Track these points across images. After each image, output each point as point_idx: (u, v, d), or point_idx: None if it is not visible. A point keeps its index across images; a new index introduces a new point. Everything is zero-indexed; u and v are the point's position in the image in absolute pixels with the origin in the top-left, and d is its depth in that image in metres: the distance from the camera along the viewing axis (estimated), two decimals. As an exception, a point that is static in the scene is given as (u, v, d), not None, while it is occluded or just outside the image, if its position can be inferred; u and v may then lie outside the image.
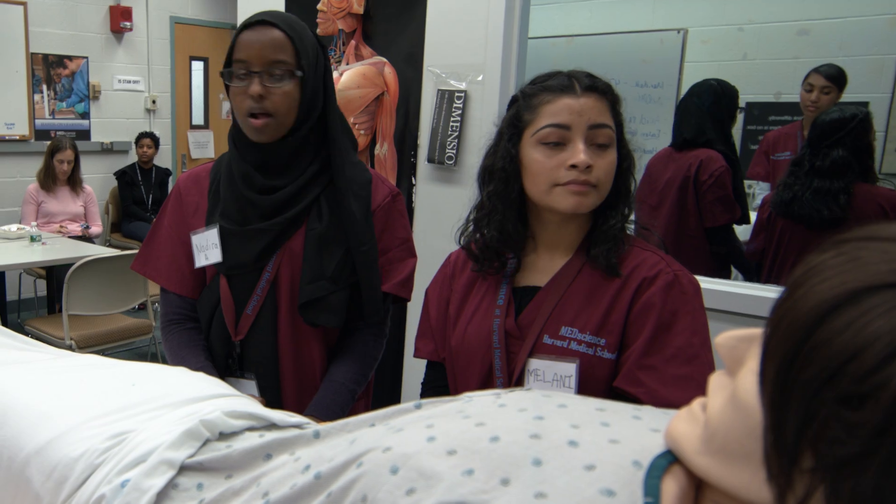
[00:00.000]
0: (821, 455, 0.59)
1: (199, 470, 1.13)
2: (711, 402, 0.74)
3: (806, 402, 0.60)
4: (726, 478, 0.70)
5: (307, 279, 1.80)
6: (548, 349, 1.52)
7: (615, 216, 1.55)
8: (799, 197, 3.24)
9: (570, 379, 1.48)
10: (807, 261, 0.65)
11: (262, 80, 1.69)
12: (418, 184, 3.47)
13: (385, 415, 1.05)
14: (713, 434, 0.72)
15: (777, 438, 0.63)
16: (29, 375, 1.42)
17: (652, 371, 1.45)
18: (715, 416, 0.72)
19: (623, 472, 0.77)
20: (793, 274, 0.66)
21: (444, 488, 0.79)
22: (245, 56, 1.70)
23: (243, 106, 1.72)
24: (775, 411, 0.63)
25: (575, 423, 0.86)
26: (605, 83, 1.55)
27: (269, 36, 1.70)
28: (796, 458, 0.61)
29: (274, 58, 1.70)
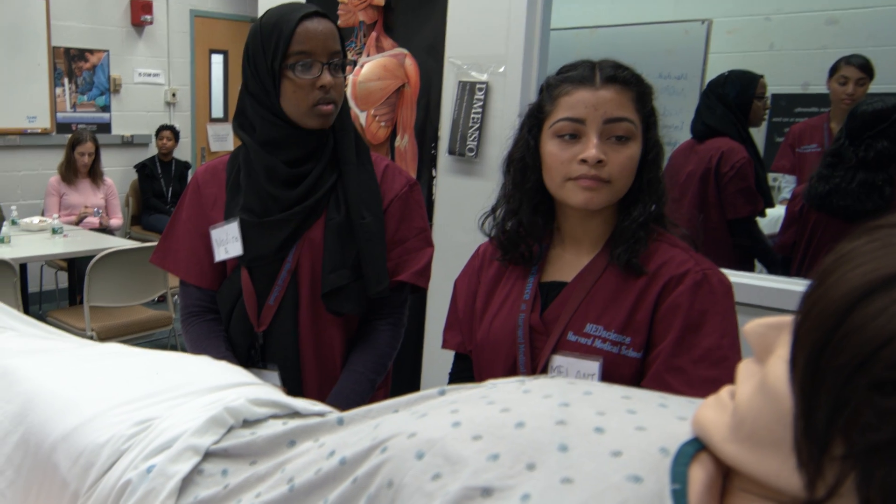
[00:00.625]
0: (852, 442, 0.58)
1: (224, 456, 1.13)
2: (740, 390, 0.73)
3: (837, 388, 0.59)
4: (755, 465, 0.69)
5: (329, 268, 1.81)
6: (572, 346, 1.50)
7: (638, 211, 1.51)
8: (840, 189, 3.18)
9: (593, 377, 1.46)
10: (839, 248, 0.65)
11: (329, 70, 1.74)
12: (439, 176, 3.46)
13: (409, 401, 1.05)
14: (742, 421, 0.71)
15: (807, 426, 0.62)
16: (54, 363, 1.43)
17: (679, 373, 1.42)
18: (744, 404, 0.71)
19: (650, 458, 0.76)
20: (824, 261, 0.66)
21: (469, 473, 0.79)
22: (310, 48, 1.72)
23: (308, 97, 1.74)
24: (806, 398, 0.63)
25: (601, 409, 0.86)
26: (631, 74, 1.51)
27: (327, 27, 1.75)
28: (827, 446, 0.60)
29: (334, 48, 1.75)
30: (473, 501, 0.77)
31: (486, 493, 0.77)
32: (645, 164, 1.51)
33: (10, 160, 6.81)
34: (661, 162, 1.54)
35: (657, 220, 1.54)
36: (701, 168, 3.53)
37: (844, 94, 4.08)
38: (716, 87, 3.62)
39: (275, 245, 1.81)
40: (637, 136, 1.48)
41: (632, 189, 1.52)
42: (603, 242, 1.56)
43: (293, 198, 1.80)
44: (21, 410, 1.28)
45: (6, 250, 4.81)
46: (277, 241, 1.81)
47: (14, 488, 1.25)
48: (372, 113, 3.42)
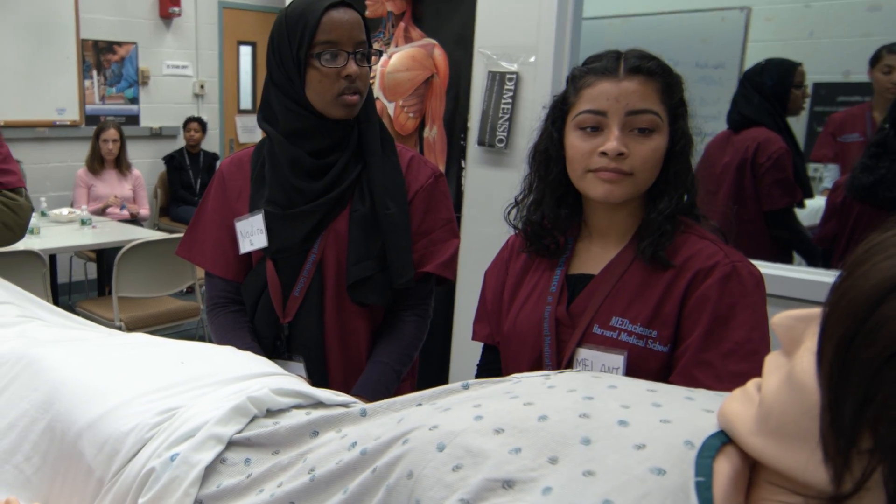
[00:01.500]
0: (880, 435, 0.58)
1: (247, 445, 1.14)
2: (767, 382, 0.73)
3: (866, 381, 0.59)
4: (781, 458, 0.69)
5: (353, 260, 1.81)
6: (597, 339, 1.49)
7: (664, 203, 1.49)
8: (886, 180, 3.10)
9: (618, 371, 1.45)
10: (869, 239, 0.65)
11: (355, 60, 1.74)
12: (468, 167, 3.45)
13: (432, 395, 1.05)
14: (768, 414, 0.71)
15: (835, 418, 0.62)
16: (81, 353, 1.44)
17: (708, 367, 1.40)
18: (770, 396, 0.71)
19: (674, 451, 0.76)
20: (854, 252, 0.66)
21: (491, 466, 0.79)
22: (336, 37, 1.72)
23: (334, 87, 1.73)
24: (833, 391, 0.62)
25: (625, 403, 0.86)
26: (657, 64, 1.48)
27: (353, 17, 1.75)
28: (855, 439, 0.61)
29: (360, 38, 1.75)
30: (495, 493, 0.77)
31: (507, 485, 0.77)
32: (672, 155, 1.49)
33: (39, 152, 6.88)
34: (691, 153, 1.51)
35: (687, 211, 1.52)
36: (737, 159, 3.48)
37: (889, 83, 3.98)
38: (752, 76, 3.57)
39: (299, 236, 1.81)
40: (662, 127, 1.46)
41: (658, 181, 1.50)
42: (630, 235, 1.54)
43: (318, 189, 1.80)
44: (48, 398, 1.29)
45: (36, 241, 4.86)
46: (302, 232, 1.81)
47: (40, 475, 1.26)
48: (400, 104, 3.41)
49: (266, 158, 1.87)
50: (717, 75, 5.01)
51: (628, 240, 1.54)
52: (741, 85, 3.62)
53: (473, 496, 0.77)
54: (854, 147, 3.83)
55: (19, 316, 1.78)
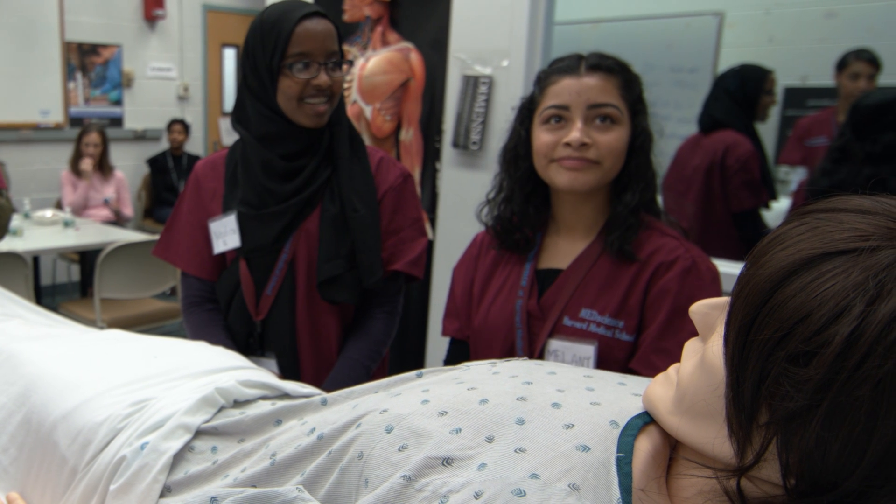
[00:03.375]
0: (774, 410, 0.63)
1: (214, 434, 1.18)
2: (683, 366, 0.79)
3: (762, 361, 0.64)
4: (694, 435, 0.74)
5: (324, 258, 1.85)
6: (567, 330, 1.55)
7: (629, 197, 1.55)
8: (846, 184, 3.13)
9: (589, 360, 1.51)
10: (773, 232, 0.70)
11: (326, 70, 1.77)
12: (443, 168, 3.48)
13: (388, 383, 1.10)
14: (683, 394, 0.76)
15: (736, 396, 0.67)
16: (57, 348, 1.46)
17: (665, 354, 1.47)
18: (685, 378, 0.77)
19: (599, 430, 0.81)
20: (758, 244, 0.71)
21: (432, 444, 0.83)
22: (308, 48, 1.75)
23: (303, 94, 1.77)
24: (735, 370, 0.67)
25: (561, 387, 0.91)
26: (617, 62, 1.56)
27: (325, 27, 1.77)
28: (754, 414, 0.66)
29: (332, 48, 1.78)
30: (435, 470, 0.81)
31: (447, 462, 0.81)
32: (633, 150, 1.55)
33: (23, 154, 6.86)
34: (650, 149, 1.58)
35: (648, 207, 1.58)
36: (706, 161, 3.54)
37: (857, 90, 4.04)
38: (723, 80, 3.64)
39: (271, 236, 1.85)
40: (623, 121, 1.53)
41: (622, 176, 1.57)
42: (597, 229, 1.61)
43: (289, 191, 1.84)
44: (24, 392, 1.32)
45: (19, 243, 4.85)
46: (274, 232, 1.85)
47: (17, 465, 1.29)
48: (377, 106, 3.45)
49: (239, 160, 1.91)
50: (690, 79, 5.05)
51: (595, 234, 1.60)
52: (713, 88, 3.69)
53: (415, 473, 0.81)
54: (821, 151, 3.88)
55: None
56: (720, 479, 0.71)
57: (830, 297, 0.61)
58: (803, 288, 0.63)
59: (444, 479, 0.79)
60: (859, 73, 4.03)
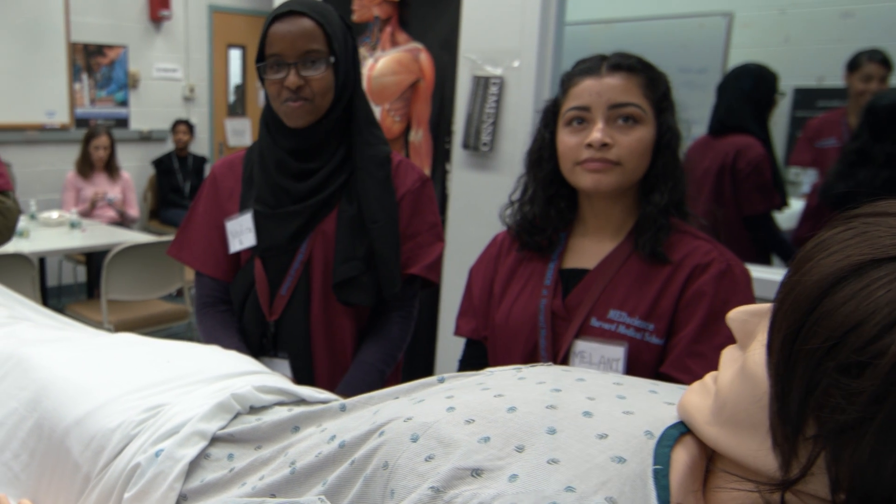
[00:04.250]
0: (823, 422, 0.61)
1: (230, 441, 1.16)
2: (722, 375, 0.76)
3: (809, 371, 0.62)
4: (734, 447, 0.72)
5: (340, 259, 1.83)
6: (595, 332, 1.53)
7: (657, 197, 1.54)
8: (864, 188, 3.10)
9: (618, 362, 1.49)
10: (817, 236, 0.68)
11: (297, 71, 1.74)
12: (453, 170, 3.47)
13: (409, 388, 1.08)
14: (723, 405, 0.74)
15: (782, 407, 0.65)
16: (68, 352, 1.45)
17: (701, 358, 1.45)
18: (725, 388, 0.74)
19: (634, 440, 0.79)
20: (802, 250, 0.69)
21: (460, 454, 0.81)
22: (279, 49, 1.74)
23: (280, 95, 1.76)
24: (780, 381, 0.65)
25: (591, 395, 0.88)
26: (640, 61, 1.55)
27: (300, 26, 1.74)
28: (800, 427, 0.64)
29: (307, 47, 1.74)
30: (464, 481, 0.79)
31: (476, 474, 0.79)
32: (659, 149, 1.54)
33: (29, 155, 6.86)
34: (678, 148, 1.56)
35: (677, 208, 1.56)
36: (717, 164, 3.50)
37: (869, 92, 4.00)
38: (734, 81, 3.59)
39: (287, 235, 1.84)
40: (646, 120, 1.51)
41: (649, 176, 1.55)
42: (625, 230, 1.59)
43: (304, 190, 1.83)
44: (35, 397, 1.30)
45: (25, 244, 4.85)
46: (289, 231, 1.84)
47: (28, 472, 1.27)
48: (386, 107, 3.44)
49: (256, 159, 1.90)
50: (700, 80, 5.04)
51: (624, 235, 1.58)
52: (723, 90, 3.63)
53: (443, 484, 0.79)
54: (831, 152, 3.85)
55: (8, 317, 1.78)
56: (763, 492, 0.69)
57: (884, 304, 0.59)
58: (854, 295, 0.61)
59: (474, 491, 0.77)
60: (872, 74, 3.99)
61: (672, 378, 1.44)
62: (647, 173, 1.55)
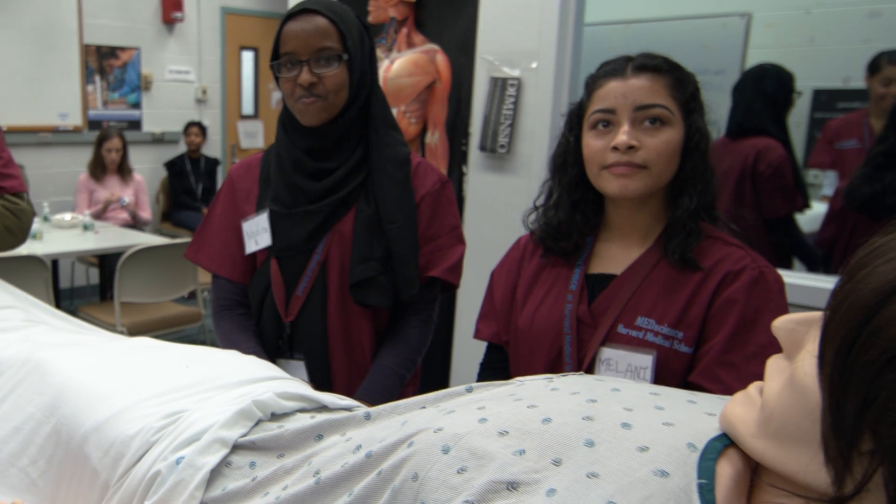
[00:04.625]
0: (881, 437, 0.59)
1: (252, 449, 1.14)
2: (769, 385, 0.74)
3: (866, 384, 0.60)
4: (783, 461, 0.69)
5: (357, 260, 1.82)
6: (622, 339, 1.49)
7: (686, 200, 1.50)
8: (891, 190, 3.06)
9: (646, 371, 1.45)
10: (870, 243, 0.66)
11: (310, 68, 1.73)
12: (469, 172, 3.46)
13: (436, 398, 1.05)
14: (770, 417, 0.71)
15: (836, 421, 0.63)
16: (86, 357, 1.44)
17: (731, 368, 1.41)
18: (772, 399, 0.72)
19: (677, 453, 0.76)
20: (855, 256, 0.66)
21: (495, 467, 0.79)
22: (292, 48, 1.74)
23: (294, 93, 1.76)
24: (834, 394, 0.63)
25: (628, 406, 0.86)
26: (666, 61, 1.51)
27: (314, 24, 1.74)
28: (855, 441, 0.61)
29: (320, 45, 1.74)
30: (499, 495, 0.77)
31: (512, 487, 0.77)
32: (688, 151, 1.50)
33: (42, 157, 6.88)
34: (707, 149, 1.52)
35: (707, 212, 1.52)
36: (737, 167, 3.45)
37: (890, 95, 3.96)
38: (754, 83, 3.54)
39: (303, 235, 1.83)
40: (674, 121, 1.47)
41: (678, 178, 1.51)
42: (653, 235, 1.55)
43: (321, 190, 1.82)
44: (53, 402, 1.29)
45: (38, 246, 4.86)
46: (306, 231, 1.83)
47: (46, 478, 1.26)
48: (402, 109, 3.42)
49: (273, 160, 1.90)
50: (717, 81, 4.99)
51: (653, 240, 1.55)
52: (739, 91, 3.59)
53: (478, 498, 0.77)
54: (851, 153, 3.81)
55: (24, 320, 1.78)
56: None
57: None
58: None
59: None
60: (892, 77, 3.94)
61: (701, 387, 1.41)
62: (675, 176, 1.51)
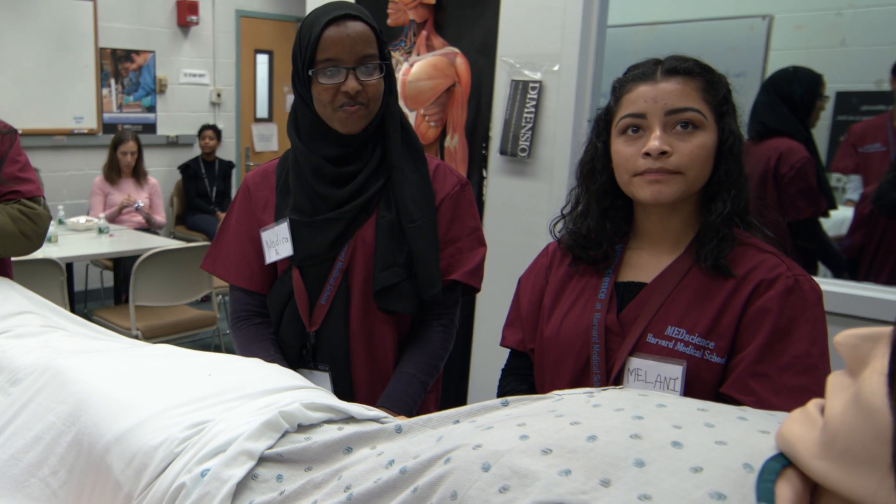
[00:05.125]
0: None
1: (279, 461, 1.11)
2: (831, 404, 0.69)
3: None
4: (848, 484, 0.65)
5: (380, 266, 1.79)
6: (651, 349, 1.45)
7: (719, 205, 1.45)
8: None
9: (676, 382, 1.41)
10: None
11: (356, 76, 1.70)
12: (489, 176, 3.43)
13: (469, 412, 1.03)
14: (833, 437, 0.67)
15: None
16: (106, 364, 1.43)
17: (765, 379, 1.37)
18: (836, 419, 0.67)
19: (733, 474, 0.73)
20: None
21: (540, 488, 0.76)
22: (335, 54, 1.69)
23: (335, 100, 1.72)
24: None
25: (677, 423, 0.82)
26: (697, 63, 1.47)
27: (355, 30, 1.70)
28: None
29: (364, 52, 1.71)
30: None
31: None
32: (721, 155, 1.46)
33: (57, 160, 6.90)
34: (741, 153, 1.48)
35: (741, 217, 1.48)
36: (759, 169, 3.40)
37: None
38: (779, 85, 3.50)
39: (325, 244, 1.80)
40: (707, 125, 1.43)
41: (710, 183, 1.47)
42: (684, 242, 1.52)
43: (342, 196, 1.79)
44: (74, 411, 1.28)
45: (53, 249, 4.87)
46: (328, 239, 1.80)
47: (67, 489, 1.24)
48: (422, 112, 3.39)
49: (290, 167, 1.87)
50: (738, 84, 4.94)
51: (684, 247, 1.51)
52: (765, 93, 3.55)
53: None
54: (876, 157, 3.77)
55: (42, 326, 1.78)
56: None
57: None
58: None
59: None
60: None
61: (733, 399, 1.37)
62: (708, 181, 1.47)
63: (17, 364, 1.52)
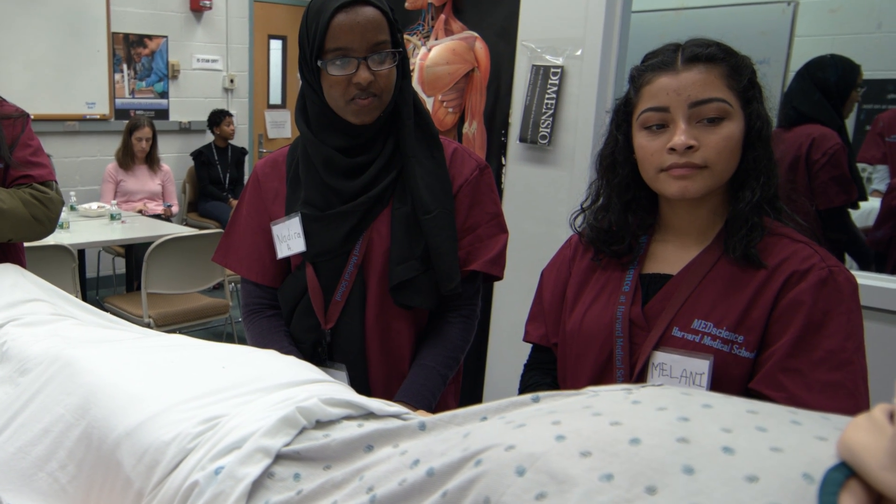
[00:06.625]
0: None
1: (296, 459, 1.07)
2: None
3: None
4: None
5: (397, 260, 1.73)
6: (677, 342, 1.40)
7: (748, 193, 1.39)
8: None
9: (702, 377, 1.36)
10: None
11: (367, 65, 1.62)
12: (508, 164, 3.37)
13: (497, 407, 0.97)
14: None
15: None
16: (117, 355, 1.40)
17: (797, 375, 1.31)
18: None
19: (792, 485, 0.67)
20: None
21: (580, 494, 0.71)
22: (345, 43, 1.61)
23: (347, 92, 1.64)
24: None
25: (726, 426, 0.77)
26: (718, 48, 1.40)
27: (366, 17, 1.61)
28: None
29: (375, 40, 1.62)
30: None
31: None
32: (749, 141, 1.40)
33: (69, 146, 6.88)
34: (769, 137, 1.41)
35: (771, 205, 1.42)
36: (789, 155, 3.34)
37: None
38: (815, 72, 3.43)
39: (339, 238, 1.74)
40: (733, 113, 1.37)
41: (739, 171, 1.41)
42: (712, 233, 1.46)
43: (355, 189, 1.73)
44: (84, 403, 1.25)
45: (65, 236, 4.86)
46: (341, 234, 1.74)
47: (76, 484, 1.21)
48: (439, 98, 3.34)
49: (300, 159, 1.81)
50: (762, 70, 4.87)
51: (711, 238, 1.46)
52: (799, 79, 3.48)
53: None
54: (904, 146, 3.70)
55: (52, 314, 1.75)
56: None
57: None
58: None
59: None
60: None
61: (763, 395, 1.32)
62: (736, 169, 1.41)
63: (27, 353, 1.50)
